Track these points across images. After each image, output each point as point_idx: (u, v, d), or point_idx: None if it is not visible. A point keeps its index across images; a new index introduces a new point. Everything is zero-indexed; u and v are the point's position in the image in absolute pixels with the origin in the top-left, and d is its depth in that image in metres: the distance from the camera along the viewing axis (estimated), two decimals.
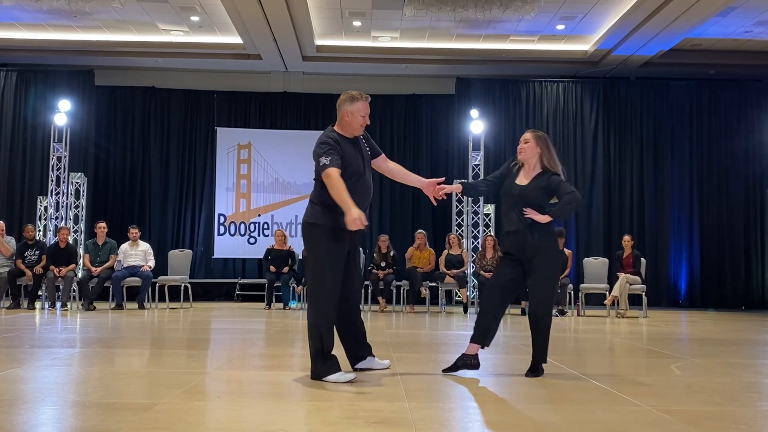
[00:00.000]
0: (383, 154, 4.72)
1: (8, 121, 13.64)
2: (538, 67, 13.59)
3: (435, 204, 4.73)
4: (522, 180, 4.54)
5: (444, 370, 4.50)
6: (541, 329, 4.50)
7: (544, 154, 4.52)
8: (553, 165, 4.51)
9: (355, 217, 3.96)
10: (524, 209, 4.43)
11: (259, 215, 13.78)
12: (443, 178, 4.80)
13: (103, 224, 10.95)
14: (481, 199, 12.42)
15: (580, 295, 11.00)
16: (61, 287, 10.41)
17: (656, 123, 13.85)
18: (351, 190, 4.07)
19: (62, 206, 12.43)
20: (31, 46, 13.04)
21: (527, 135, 4.59)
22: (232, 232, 13.72)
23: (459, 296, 11.95)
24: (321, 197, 4.17)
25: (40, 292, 10.68)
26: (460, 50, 13.05)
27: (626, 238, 11.14)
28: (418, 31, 12.35)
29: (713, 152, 13.85)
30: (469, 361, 4.52)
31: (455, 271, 10.95)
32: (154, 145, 13.93)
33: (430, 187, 4.70)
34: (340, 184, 4.04)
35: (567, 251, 11.09)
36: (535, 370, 4.48)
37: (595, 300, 11.88)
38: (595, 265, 11.52)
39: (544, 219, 4.42)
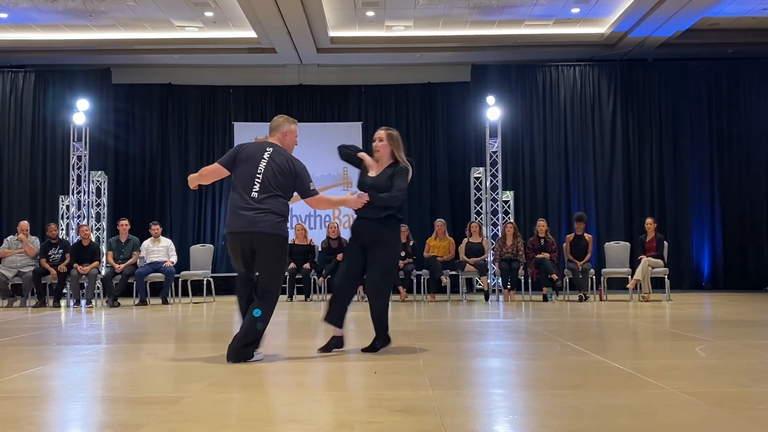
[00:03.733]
0: None
1: (28, 122, 13.78)
2: (553, 52, 13.50)
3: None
4: (373, 173, 5.00)
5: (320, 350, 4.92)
6: (375, 312, 4.90)
7: (395, 149, 5.03)
8: (401, 158, 5.00)
9: (356, 198, 4.81)
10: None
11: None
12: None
13: (125, 221, 11.05)
14: (500, 185, 12.39)
15: (602, 280, 10.95)
16: (85, 285, 10.52)
17: (675, 104, 13.72)
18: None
19: (84, 205, 12.55)
20: (48, 47, 13.14)
21: (381, 134, 5.09)
22: None
23: (480, 284, 11.93)
24: (284, 212, 4.65)
25: (64, 290, 10.80)
26: (474, 37, 12.98)
27: (649, 221, 11.05)
28: (432, 19, 12.30)
29: (733, 132, 13.69)
30: (338, 343, 4.95)
31: (475, 259, 10.94)
32: (172, 142, 14.01)
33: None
34: (325, 197, 4.92)
35: (587, 236, 11.04)
36: (372, 347, 4.88)
37: (618, 284, 11.82)
38: (617, 249, 11.45)
39: (356, 204, 4.84)
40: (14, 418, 2.97)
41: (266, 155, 4.67)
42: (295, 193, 4.80)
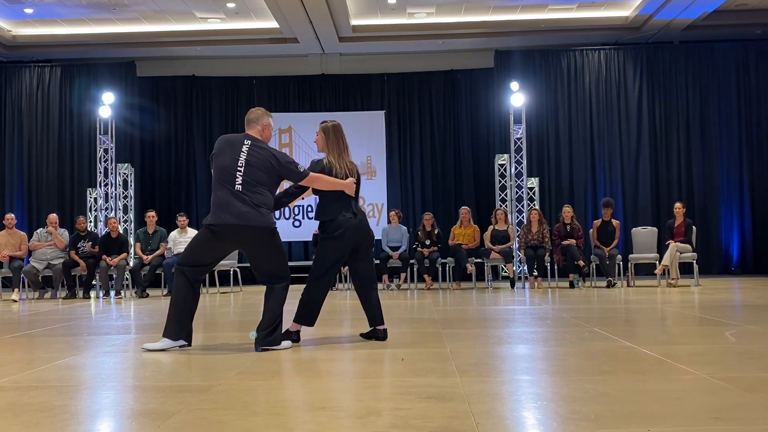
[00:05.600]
0: None
1: (55, 116, 13.95)
2: (578, 36, 13.36)
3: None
4: None
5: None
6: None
7: (327, 142, 4.93)
8: (327, 151, 4.90)
9: (350, 183, 4.80)
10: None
11: (303, 198, 13.82)
12: None
13: (152, 213, 11.16)
14: (525, 172, 12.32)
15: (629, 266, 10.87)
16: (114, 276, 10.65)
17: (702, 87, 13.52)
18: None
19: (111, 197, 12.69)
20: (73, 41, 13.28)
21: (318, 128, 5.04)
22: (277, 215, 13.61)
23: (505, 271, 11.89)
24: (270, 204, 4.64)
25: (94, 282, 10.94)
26: (497, 22, 12.89)
27: (678, 205, 10.94)
28: (454, 5, 12.22)
29: (762, 114, 13.47)
30: (292, 337, 4.84)
31: (501, 246, 10.90)
32: (197, 133, 14.10)
33: None
34: (320, 175, 4.77)
35: (615, 222, 10.95)
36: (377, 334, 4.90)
37: (645, 270, 11.73)
38: (644, 234, 11.35)
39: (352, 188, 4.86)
40: (48, 407, 3.02)
41: (245, 148, 4.60)
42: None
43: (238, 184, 4.53)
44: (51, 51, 13.71)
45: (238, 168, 4.55)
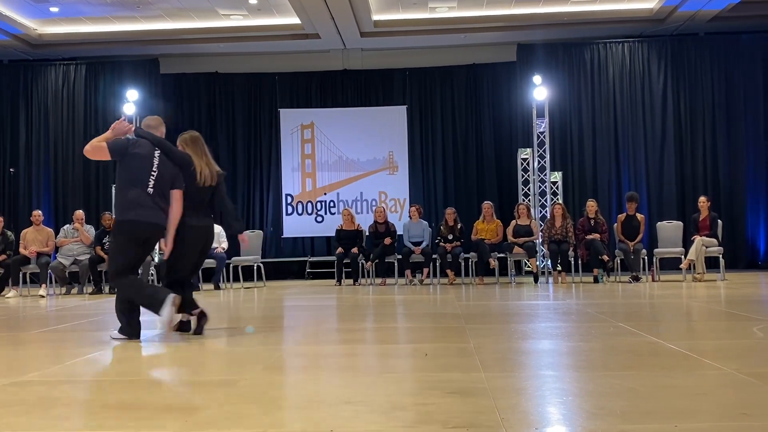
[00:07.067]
0: None
1: (80, 113, 14.10)
2: (601, 29, 13.22)
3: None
4: None
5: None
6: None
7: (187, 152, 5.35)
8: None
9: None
10: None
11: (325, 194, 13.90)
12: None
13: None
14: (548, 166, 12.25)
15: (654, 260, 10.78)
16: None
17: (728, 79, 13.34)
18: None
19: None
20: (98, 39, 13.40)
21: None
22: (300, 211, 13.89)
23: (529, 266, 11.84)
24: (167, 208, 5.15)
25: None
26: (520, 16, 12.80)
27: (702, 199, 10.83)
28: None
29: None
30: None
31: (524, 239, 10.85)
32: (220, 130, 14.16)
33: None
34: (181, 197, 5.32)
35: (639, 216, 10.87)
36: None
37: (670, 265, 11.61)
38: (669, 228, 11.25)
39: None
40: (77, 401, 3.07)
41: (156, 153, 5.10)
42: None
43: (150, 188, 4.97)
44: (76, 49, 13.84)
45: (152, 172, 5.01)
